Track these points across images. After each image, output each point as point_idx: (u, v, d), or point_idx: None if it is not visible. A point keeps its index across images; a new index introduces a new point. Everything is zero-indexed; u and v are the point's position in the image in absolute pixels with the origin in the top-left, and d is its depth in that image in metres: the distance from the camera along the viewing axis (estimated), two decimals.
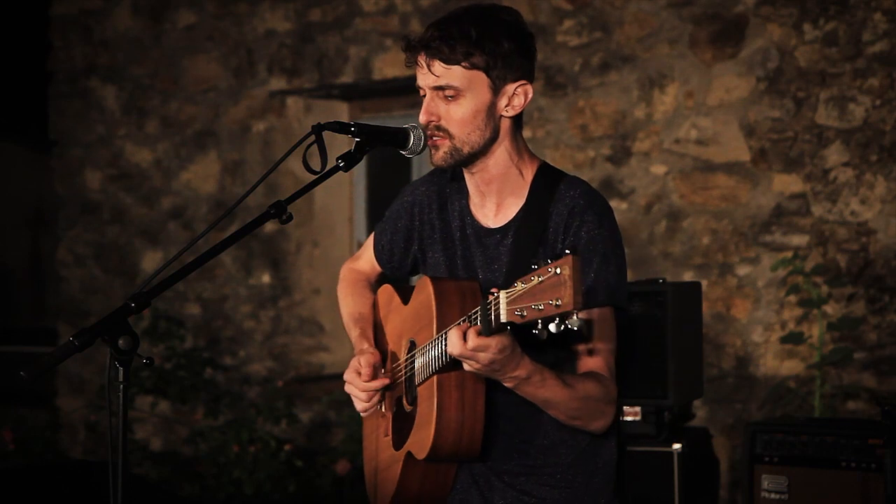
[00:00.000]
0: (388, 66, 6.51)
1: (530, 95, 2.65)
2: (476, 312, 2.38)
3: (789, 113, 5.37)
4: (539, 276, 2.19)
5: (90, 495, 3.37)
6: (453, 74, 2.59)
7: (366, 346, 2.86)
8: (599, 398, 2.57)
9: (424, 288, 2.66)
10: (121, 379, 2.29)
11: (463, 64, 2.58)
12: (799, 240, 5.34)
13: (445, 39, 2.58)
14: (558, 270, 2.16)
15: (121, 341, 2.28)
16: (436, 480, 2.72)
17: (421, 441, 2.59)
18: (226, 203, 7.12)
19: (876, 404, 4.09)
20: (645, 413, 4.23)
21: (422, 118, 2.64)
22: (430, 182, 2.86)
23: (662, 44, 5.67)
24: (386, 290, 2.97)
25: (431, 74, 2.60)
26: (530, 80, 2.65)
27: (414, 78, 2.72)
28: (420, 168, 6.38)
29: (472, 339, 2.34)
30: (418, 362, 2.64)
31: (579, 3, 5.89)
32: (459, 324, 2.41)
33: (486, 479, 2.71)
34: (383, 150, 2.73)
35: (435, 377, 2.55)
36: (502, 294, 2.26)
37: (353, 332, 2.94)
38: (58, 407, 7.77)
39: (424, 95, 2.65)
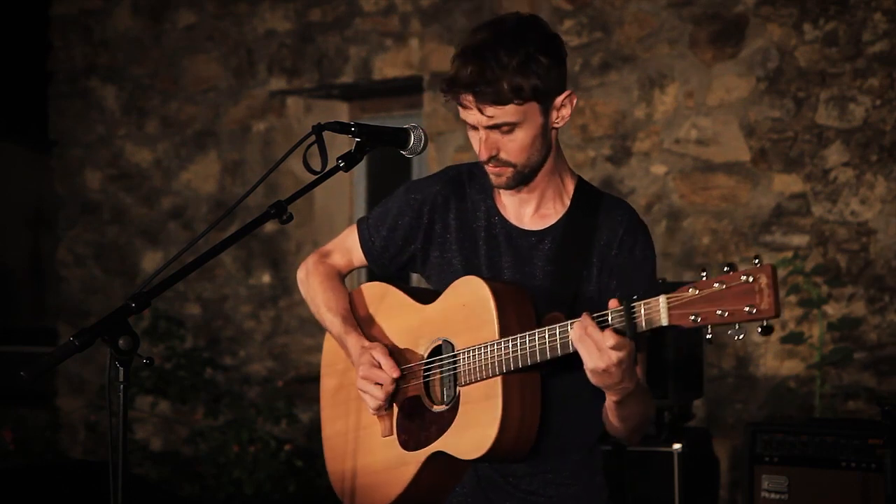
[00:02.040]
0: (388, 66, 6.51)
1: (575, 101, 2.66)
2: (605, 315, 2.40)
3: (789, 113, 5.37)
4: (722, 283, 2.24)
5: (90, 495, 3.37)
6: (507, 112, 2.56)
7: (365, 342, 2.81)
8: (650, 417, 2.68)
9: (475, 289, 2.62)
10: (121, 379, 2.29)
11: (515, 102, 2.56)
12: (799, 240, 5.34)
13: (491, 82, 2.54)
14: (751, 279, 2.21)
15: (121, 341, 2.28)
16: (446, 482, 2.72)
17: (474, 441, 2.58)
18: (226, 203, 7.12)
19: (876, 404, 4.10)
20: None
21: (482, 156, 2.61)
22: (444, 181, 2.82)
23: (662, 44, 5.68)
24: (377, 287, 2.91)
25: (483, 116, 2.57)
26: (567, 86, 2.66)
27: (414, 77, 2.72)
28: (420, 168, 6.37)
29: (612, 337, 2.37)
30: (470, 362, 2.61)
31: (579, 3, 5.89)
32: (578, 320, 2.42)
33: (491, 481, 2.71)
34: (383, 150, 2.72)
35: (499, 378, 2.55)
36: (662, 298, 2.32)
37: (338, 326, 2.87)
38: (58, 407, 7.77)
39: (472, 128, 2.62)
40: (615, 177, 5.78)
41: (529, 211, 2.73)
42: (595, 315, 2.41)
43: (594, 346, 2.39)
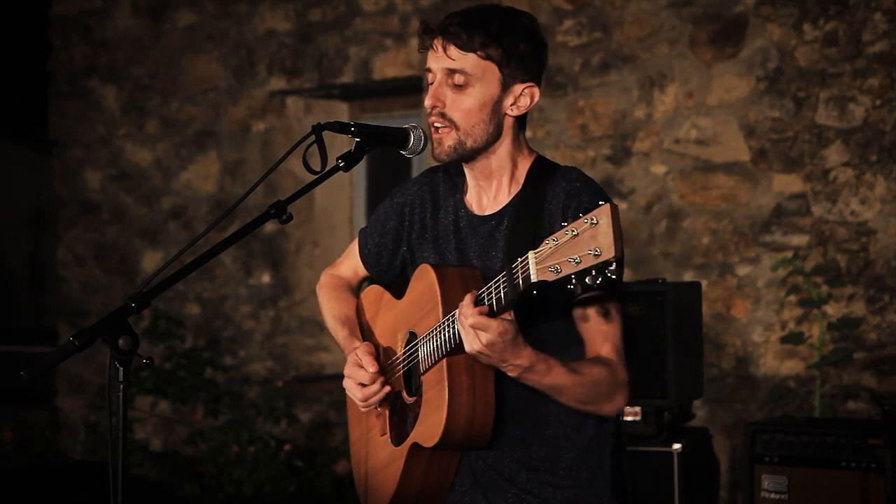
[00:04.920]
0: (388, 66, 6.51)
1: (536, 98, 2.68)
2: (497, 282, 2.38)
3: (789, 113, 5.37)
4: (573, 230, 2.19)
5: (90, 495, 3.37)
6: (467, 61, 2.61)
7: (357, 343, 2.86)
8: (608, 381, 2.59)
9: (425, 275, 2.65)
10: (121, 379, 2.29)
11: (479, 52, 2.60)
12: (799, 240, 5.34)
13: (465, 27, 2.60)
14: (595, 220, 2.16)
15: (121, 341, 2.28)
16: (438, 475, 2.71)
17: (431, 428, 2.58)
18: (226, 203, 7.12)
19: (876, 404, 4.10)
20: (645, 413, 4.23)
21: (427, 102, 2.65)
22: (422, 182, 2.87)
23: (662, 44, 5.68)
24: (373, 291, 2.96)
25: (446, 57, 2.62)
26: (538, 84, 2.68)
27: (414, 77, 2.73)
28: (420, 168, 6.37)
29: (473, 317, 2.36)
30: (423, 350, 2.62)
31: (579, 3, 5.89)
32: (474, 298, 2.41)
33: (488, 477, 2.70)
34: (383, 150, 2.73)
35: (444, 361, 2.54)
36: (531, 254, 2.27)
37: (341, 334, 2.94)
38: (58, 407, 7.77)
39: (432, 82, 2.66)
40: (615, 177, 5.78)
41: (490, 199, 2.74)
42: (488, 286, 2.41)
43: (465, 329, 2.38)
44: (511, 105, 2.65)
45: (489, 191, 2.74)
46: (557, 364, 2.52)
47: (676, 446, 4.22)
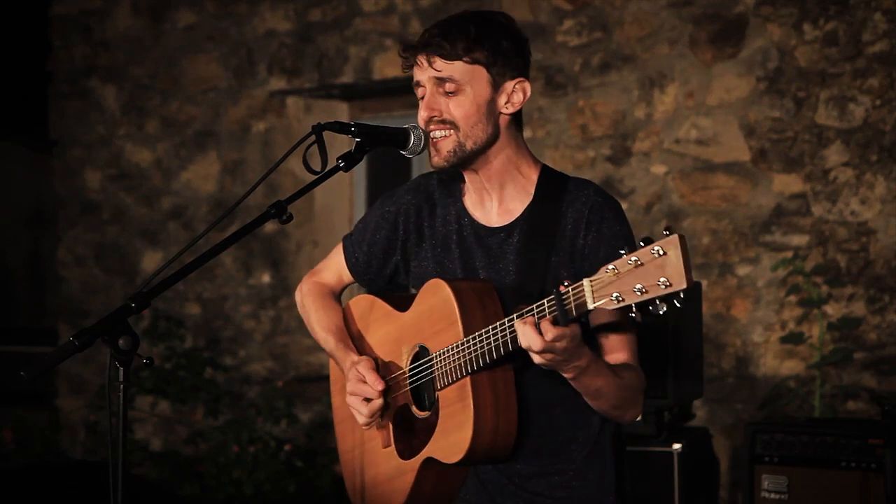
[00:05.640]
0: (388, 66, 6.51)
1: (528, 93, 2.68)
2: (542, 305, 2.38)
3: (789, 113, 5.37)
4: (636, 259, 2.21)
5: (90, 495, 3.37)
6: (455, 68, 2.62)
7: (354, 356, 2.82)
8: (637, 387, 2.63)
9: (438, 291, 2.63)
10: (121, 379, 2.29)
11: (464, 59, 2.61)
12: (799, 240, 5.34)
13: (445, 36, 2.61)
14: (662, 251, 2.19)
15: (121, 341, 2.29)
16: (448, 486, 2.71)
17: (454, 444, 2.58)
18: (226, 203, 7.12)
19: (876, 404, 4.10)
20: (645, 413, 4.23)
21: (422, 114, 2.65)
22: (415, 191, 2.84)
23: (662, 44, 5.68)
24: (364, 300, 2.93)
25: (432, 69, 2.62)
26: (527, 78, 2.69)
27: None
28: (420, 168, 6.37)
29: (552, 331, 2.36)
30: (442, 366, 2.61)
31: (579, 3, 5.89)
32: (523, 316, 2.41)
33: (496, 482, 2.69)
34: (383, 150, 2.73)
35: (468, 379, 2.54)
36: (586, 281, 2.29)
37: (331, 344, 2.89)
38: (58, 407, 7.77)
39: (423, 97, 2.66)
40: (615, 177, 5.78)
41: (494, 207, 2.73)
42: (529, 308, 2.41)
43: (544, 344, 2.38)
44: (505, 103, 2.66)
45: (493, 198, 2.72)
46: (604, 366, 2.54)
47: (676, 446, 4.22)
